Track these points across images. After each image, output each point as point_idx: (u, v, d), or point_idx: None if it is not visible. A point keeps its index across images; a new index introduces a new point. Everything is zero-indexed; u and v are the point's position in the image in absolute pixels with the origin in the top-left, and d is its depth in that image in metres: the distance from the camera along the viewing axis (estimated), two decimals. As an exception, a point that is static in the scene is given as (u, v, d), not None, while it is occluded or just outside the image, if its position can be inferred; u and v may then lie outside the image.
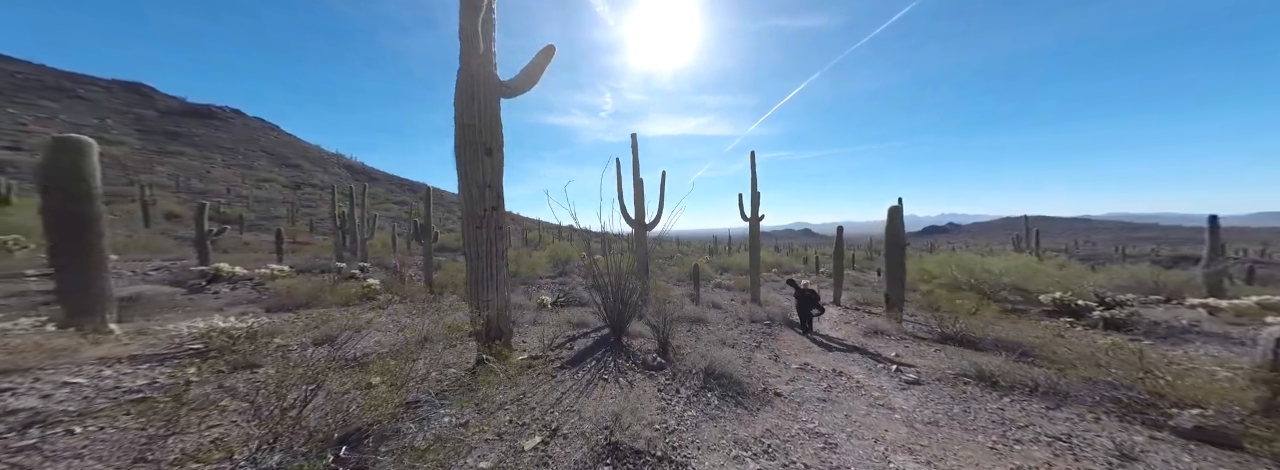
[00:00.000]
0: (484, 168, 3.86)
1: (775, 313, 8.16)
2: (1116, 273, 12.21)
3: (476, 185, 3.86)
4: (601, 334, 5.76)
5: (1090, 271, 12.74)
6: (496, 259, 3.94)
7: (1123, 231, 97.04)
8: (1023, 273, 9.97)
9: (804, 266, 21.34)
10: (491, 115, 3.86)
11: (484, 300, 3.86)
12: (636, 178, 8.61)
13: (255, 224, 24.15)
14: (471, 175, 3.85)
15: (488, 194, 3.89)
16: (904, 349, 5.95)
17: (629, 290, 5.37)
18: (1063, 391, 3.85)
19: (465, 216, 3.93)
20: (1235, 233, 58.95)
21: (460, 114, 3.80)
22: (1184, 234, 63.80)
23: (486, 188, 3.88)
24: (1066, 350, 4.36)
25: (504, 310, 4.04)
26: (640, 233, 8.60)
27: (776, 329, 7.24)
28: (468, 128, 3.76)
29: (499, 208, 4.01)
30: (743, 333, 6.75)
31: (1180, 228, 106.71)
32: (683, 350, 5.18)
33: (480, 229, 3.84)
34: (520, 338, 5.58)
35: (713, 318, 7.86)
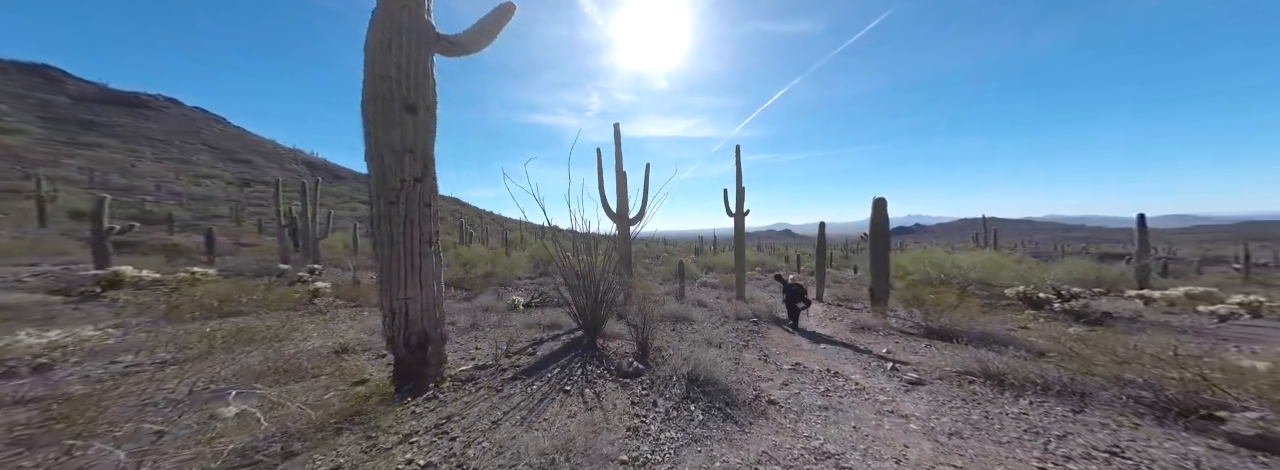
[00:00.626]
0: (404, 129, 2.86)
1: (761, 310, 7.50)
2: (1073, 267, 12.38)
3: (391, 151, 2.84)
4: (575, 336, 4.93)
5: (1047, 266, 12.86)
6: (421, 245, 2.95)
7: (1060, 231, 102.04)
8: (988, 268, 10.00)
9: (786, 265, 20.99)
10: (418, 68, 2.90)
11: (400, 299, 2.89)
12: (619, 170, 7.87)
13: (191, 224, 20.67)
14: (384, 138, 2.83)
15: (408, 162, 2.87)
16: (894, 345, 5.35)
17: (606, 288, 4.57)
18: (1078, 390, 3.28)
19: (374, 191, 2.90)
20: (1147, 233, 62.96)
21: (373, 63, 2.82)
22: (1108, 234, 67.76)
23: (407, 153, 2.86)
24: (1080, 345, 3.81)
25: (432, 310, 3.08)
26: (623, 227, 7.83)
27: (764, 327, 6.56)
28: (381, 80, 2.79)
29: (425, 180, 2.98)
30: (729, 331, 6.03)
31: (1104, 228, 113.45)
32: (665, 352, 4.41)
33: (396, 206, 2.85)
34: (474, 343, 4.74)
35: (698, 316, 7.13)
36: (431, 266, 3.07)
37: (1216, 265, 23.41)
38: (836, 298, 9.97)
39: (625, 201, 7.89)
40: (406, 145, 2.85)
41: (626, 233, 7.88)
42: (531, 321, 5.87)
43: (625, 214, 7.89)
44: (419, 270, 2.95)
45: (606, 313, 4.65)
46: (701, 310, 7.91)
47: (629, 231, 7.89)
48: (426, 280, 3.02)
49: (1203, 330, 6.09)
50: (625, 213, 7.90)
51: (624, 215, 7.86)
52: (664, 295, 9.87)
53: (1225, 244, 38.76)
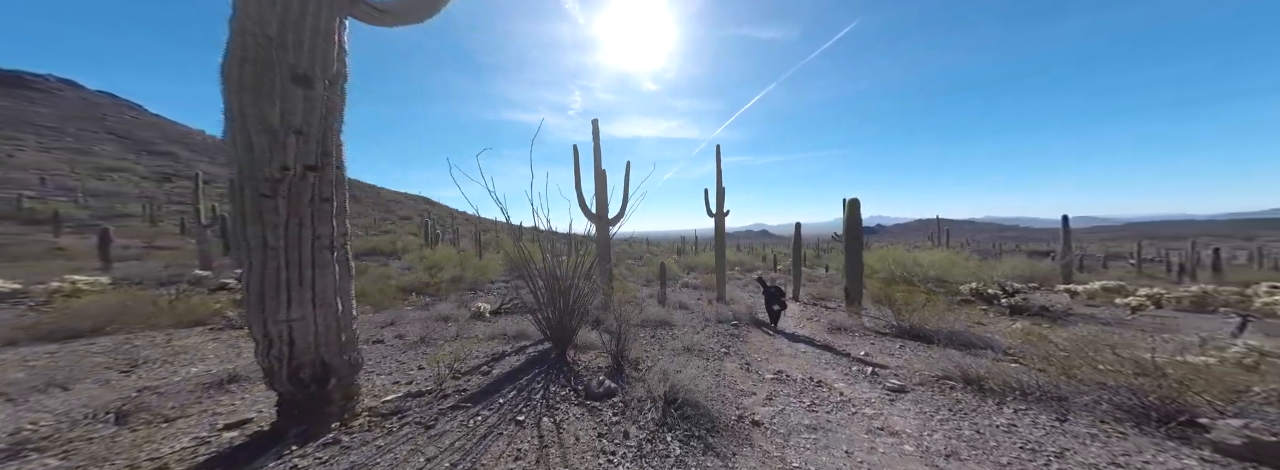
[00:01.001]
0: (289, 103, 2.10)
1: (741, 311, 7.21)
2: (1015, 264, 13.22)
3: (266, 130, 2.08)
4: (543, 348, 4.39)
5: (994, 264, 13.67)
6: (315, 253, 2.25)
7: (996, 231, 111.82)
8: (944, 266, 10.40)
9: (763, 264, 21.17)
10: (318, 31, 2.13)
11: (279, 321, 2.16)
12: (598, 168, 7.33)
13: (89, 223, 17.49)
14: (254, 113, 2.06)
15: (294, 145, 2.12)
16: (871, 347, 5.17)
17: (577, 295, 4.04)
18: (1056, 395, 3.14)
19: (238, 182, 2.14)
20: (1056, 233, 70.26)
21: (244, 13, 2.02)
22: (1035, 233, 74.92)
23: (293, 135, 2.11)
24: (1052, 346, 3.72)
25: (332, 334, 2.38)
26: (602, 228, 7.29)
27: (744, 329, 6.25)
28: (255, 39, 2.01)
29: (324, 170, 2.25)
30: (710, 336, 5.67)
31: (1031, 229, 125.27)
32: (643, 364, 3.95)
33: (272, 200, 2.11)
34: (418, 362, 4.02)
35: (679, 320, 6.73)
36: (332, 279, 2.36)
37: (1117, 261, 25.93)
38: (811, 296, 9.94)
39: (605, 201, 7.37)
40: (292, 125, 2.08)
41: (606, 234, 7.36)
42: (496, 331, 5.24)
43: (604, 214, 7.36)
44: (312, 284, 2.23)
45: (578, 322, 4.12)
46: (682, 313, 7.54)
47: (608, 232, 7.37)
48: (324, 297, 2.31)
49: (1122, 321, 6.52)
50: (604, 213, 7.37)
51: (603, 215, 7.33)
52: (646, 298, 9.47)
53: (1122, 242, 43.53)
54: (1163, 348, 3.22)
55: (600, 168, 7.40)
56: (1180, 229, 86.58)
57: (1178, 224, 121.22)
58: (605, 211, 7.38)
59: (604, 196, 7.36)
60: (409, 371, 3.78)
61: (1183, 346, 3.66)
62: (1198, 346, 3.72)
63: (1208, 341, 3.90)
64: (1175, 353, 3.28)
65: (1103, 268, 20.41)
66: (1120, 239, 44.72)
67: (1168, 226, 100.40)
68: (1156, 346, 3.15)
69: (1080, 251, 27.61)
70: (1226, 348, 3.56)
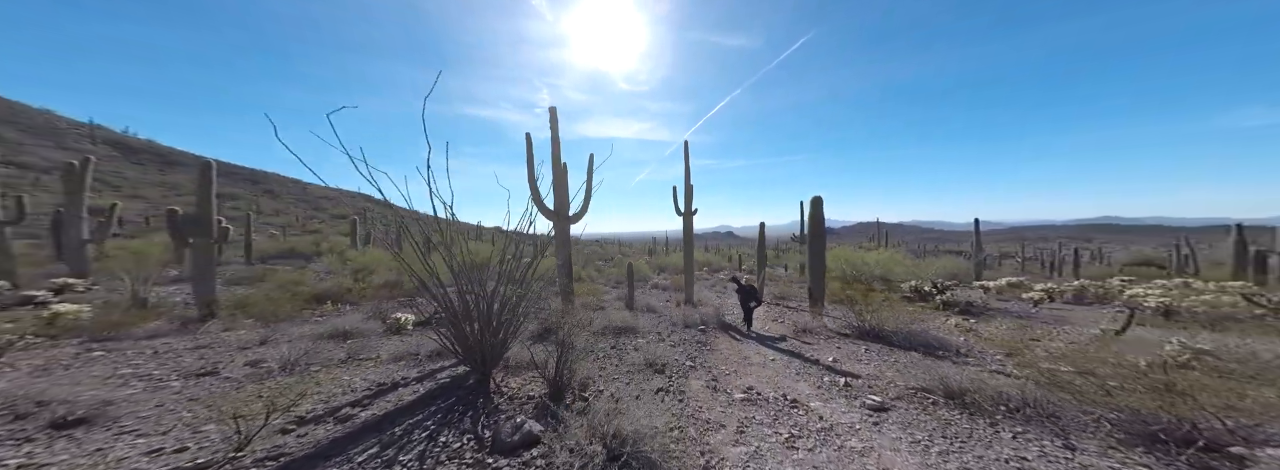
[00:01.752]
0: None
1: (709, 314, 6.45)
2: (945, 264, 14.03)
3: None
4: (460, 373, 3.24)
5: (927, 264, 14.46)
6: None
7: (920, 233, 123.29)
8: (888, 265, 10.67)
9: (729, 264, 21.00)
10: None
11: None
12: (557, 162, 6.25)
13: None
14: None
15: None
16: (838, 351, 4.58)
17: (508, 302, 2.98)
18: (1049, 411, 2.60)
19: None
20: (964, 235, 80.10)
21: None
22: (949, 235, 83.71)
23: None
24: (1042, 352, 3.28)
25: None
26: (561, 227, 6.21)
27: (712, 335, 5.48)
28: None
29: None
30: (675, 344, 4.81)
31: (946, 231, 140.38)
32: (591, 388, 2.99)
33: None
34: (252, 403, 2.67)
35: (644, 325, 5.83)
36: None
37: (1007, 259, 29.17)
38: (774, 296, 9.56)
39: (565, 197, 6.29)
40: None
41: (566, 231, 6.28)
42: (406, 350, 4.00)
43: (565, 212, 6.28)
44: None
45: (509, 337, 3.05)
46: (649, 317, 6.65)
47: (569, 230, 6.30)
48: None
49: (1029, 314, 6.77)
50: (565, 210, 6.28)
51: (563, 213, 6.24)
52: (614, 301, 8.52)
53: (1008, 244, 49.79)
54: (1107, 347, 2.85)
55: (560, 162, 6.33)
56: (1044, 232, 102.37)
57: (1043, 228, 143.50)
58: (565, 208, 6.30)
59: (564, 192, 6.29)
60: (202, 428, 2.39)
61: (1129, 347, 3.39)
62: (1136, 346, 3.49)
63: (1105, 335, 3.67)
64: (1124, 354, 2.95)
65: (999, 265, 22.68)
66: (1005, 241, 51.76)
67: (1036, 230, 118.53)
68: (1121, 349, 2.78)
69: (986, 252, 30.78)
70: (1161, 346, 3.35)
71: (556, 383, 2.78)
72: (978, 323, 6.11)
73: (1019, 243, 27.73)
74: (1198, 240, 17.25)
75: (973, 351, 4.54)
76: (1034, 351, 3.44)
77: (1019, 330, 5.71)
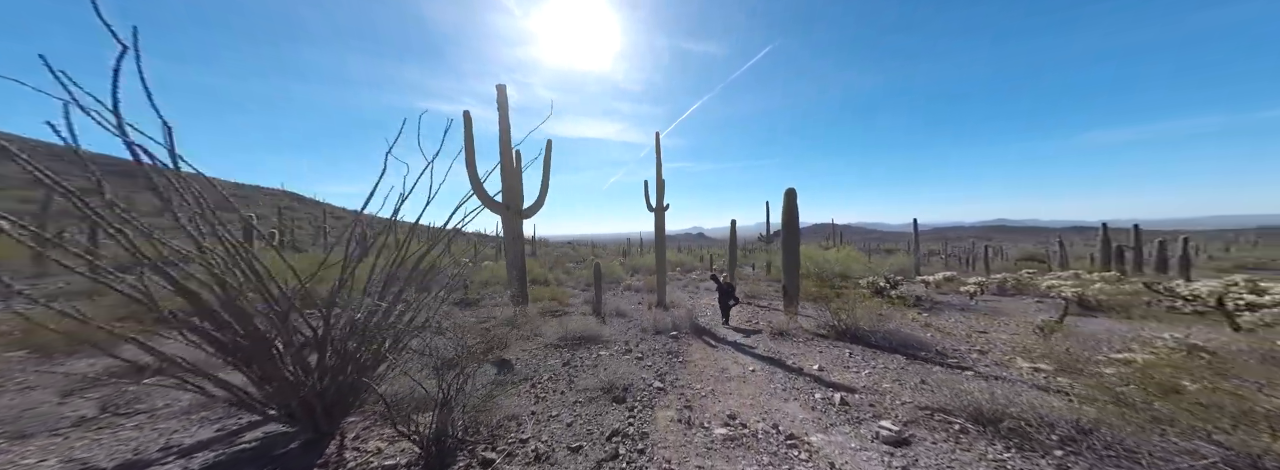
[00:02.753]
0: None
1: (682, 318, 5.63)
2: (896, 261, 14.74)
3: None
4: (280, 434, 1.92)
5: (881, 261, 15.15)
6: None
7: (864, 233, 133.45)
8: (847, 263, 10.91)
9: (701, 264, 20.68)
10: None
11: None
12: (506, 149, 5.11)
13: None
14: None
15: None
16: (822, 357, 3.96)
17: (359, 321, 1.84)
18: (1124, 444, 1.87)
19: None
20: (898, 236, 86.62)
21: None
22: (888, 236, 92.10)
23: None
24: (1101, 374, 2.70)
25: None
26: (512, 222, 5.07)
27: (684, 342, 4.65)
28: None
29: None
30: (641, 356, 3.90)
31: (883, 232, 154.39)
32: (504, 444, 1.95)
33: None
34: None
35: (610, 333, 4.87)
36: None
37: (933, 256, 32.18)
38: (745, 294, 9.11)
39: (517, 189, 5.15)
40: None
41: (518, 227, 5.14)
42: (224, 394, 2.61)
43: (517, 205, 5.15)
44: None
45: (365, 373, 1.91)
46: (619, 322, 5.70)
47: (520, 226, 5.17)
48: None
49: (968, 306, 6.98)
50: (517, 203, 5.15)
51: (515, 206, 5.11)
52: (582, 304, 7.48)
53: (932, 242, 55.62)
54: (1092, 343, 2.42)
55: (510, 149, 5.19)
56: (959, 232, 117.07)
57: (957, 228, 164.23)
58: (518, 201, 5.17)
59: (516, 183, 5.16)
60: None
61: (1123, 343, 3.07)
62: (1129, 343, 3.20)
63: (1049, 327, 3.42)
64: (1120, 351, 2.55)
65: (929, 261, 24.73)
66: (930, 240, 58.18)
67: (953, 230, 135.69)
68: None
69: (924, 250, 33.52)
70: (1152, 342, 3.11)
71: (439, 444, 1.70)
72: (930, 316, 6.05)
73: (942, 241, 30.85)
74: (1067, 239, 20.54)
75: (950, 350, 4.17)
76: (1045, 351, 2.99)
77: (968, 322, 5.67)
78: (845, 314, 4.87)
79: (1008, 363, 3.75)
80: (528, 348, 4.23)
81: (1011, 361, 3.69)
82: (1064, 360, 3.41)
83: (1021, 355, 3.77)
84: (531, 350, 4.14)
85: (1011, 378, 3.28)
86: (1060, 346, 3.93)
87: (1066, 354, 3.63)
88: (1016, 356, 3.63)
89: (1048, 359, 3.53)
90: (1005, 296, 8.40)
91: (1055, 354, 3.66)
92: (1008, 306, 7.09)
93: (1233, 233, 13.93)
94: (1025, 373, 3.40)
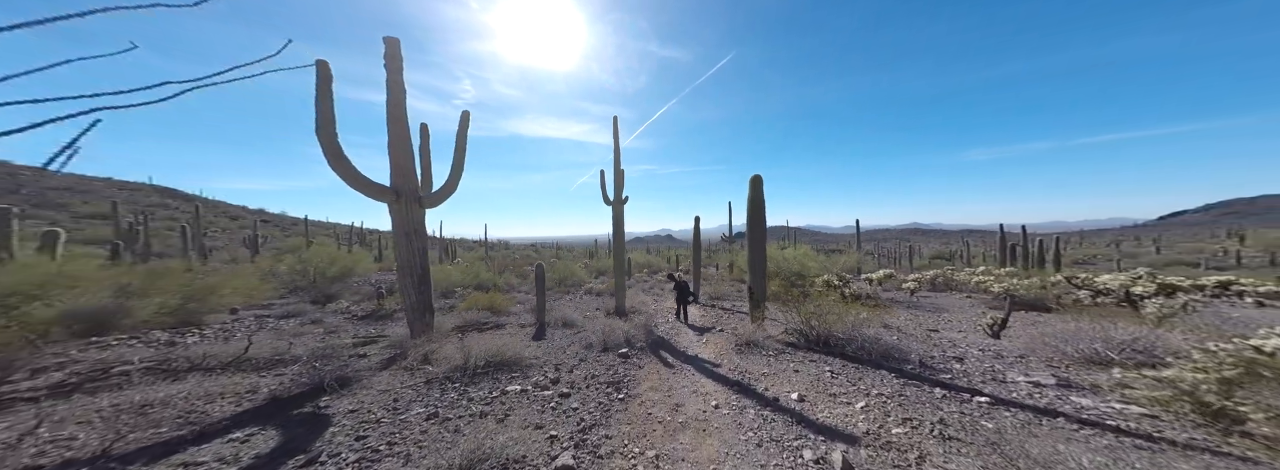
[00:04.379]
0: None
1: (639, 328, 4.47)
2: (846, 260, 15.26)
3: None
4: None
5: (834, 259, 15.60)
6: None
7: (811, 234, 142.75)
8: (803, 261, 10.87)
9: (668, 265, 19.95)
10: None
11: None
12: (398, 117, 3.54)
13: None
14: None
15: None
16: (800, 378, 2.98)
17: None
18: None
19: None
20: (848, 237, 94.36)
21: None
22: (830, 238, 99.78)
23: None
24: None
25: None
26: (408, 214, 3.55)
27: (634, 364, 3.46)
28: None
29: None
30: (563, 396, 2.65)
31: (824, 234, 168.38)
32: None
33: None
34: None
35: (539, 355, 3.55)
36: None
37: (867, 256, 34.90)
38: (709, 296, 8.36)
39: (409, 167, 3.65)
40: None
41: (415, 220, 3.64)
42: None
43: (413, 189, 3.66)
44: None
45: None
46: (562, 335, 4.41)
47: (421, 216, 3.69)
48: None
49: (913, 303, 6.89)
50: (413, 187, 3.66)
51: (408, 192, 3.61)
52: (527, 312, 6.05)
53: (864, 243, 61.00)
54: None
55: (403, 117, 3.65)
56: (885, 234, 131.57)
57: (882, 231, 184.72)
58: (412, 184, 3.67)
59: (409, 162, 3.65)
60: None
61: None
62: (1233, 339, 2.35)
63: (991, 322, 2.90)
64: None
65: (865, 261, 26.46)
66: (862, 240, 63.25)
67: (880, 232, 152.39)
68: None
69: (864, 250, 35.98)
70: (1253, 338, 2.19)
71: None
72: (881, 313, 5.72)
73: (873, 242, 33.59)
74: (966, 240, 23.85)
75: (930, 359, 3.52)
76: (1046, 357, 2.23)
77: (918, 319, 5.37)
78: (817, 320, 4.07)
79: (997, 374, 3.12)
80: (398, 383, 2.78)
81: (1002, 374, 3.04)
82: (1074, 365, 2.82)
83: (1014, 364, 3.16)
84: (400, 389, 2.70)
85: (1022, 398, 2.56)
86: (1045, 349, 3.45)
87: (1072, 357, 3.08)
88: (1000, 365, 2.90)
89: (1048, 366, 2.94)
90: (938, 292, 8.75)
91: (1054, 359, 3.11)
92: (944, 302, 7.05)
93: (1062, 234, 17.95)
94: (1022, 386, 2.74)
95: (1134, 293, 5.04)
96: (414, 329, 3.58)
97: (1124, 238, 45.18)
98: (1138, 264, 18.04)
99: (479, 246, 18.23)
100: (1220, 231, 39.17)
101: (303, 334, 4.36)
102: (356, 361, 3.18)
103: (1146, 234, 53.05)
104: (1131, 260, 19.59)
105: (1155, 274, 5.02)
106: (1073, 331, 3.66)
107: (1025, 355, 3.69)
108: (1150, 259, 20.40)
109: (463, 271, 9.96)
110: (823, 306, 4.21)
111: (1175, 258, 20.82)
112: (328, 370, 2.70)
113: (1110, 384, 2.76)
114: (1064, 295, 6.53)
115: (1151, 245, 29.26)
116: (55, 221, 16.26)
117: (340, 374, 2.77)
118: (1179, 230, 67.19)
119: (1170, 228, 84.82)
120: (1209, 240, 30.03)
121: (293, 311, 5.97)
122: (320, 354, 3.25)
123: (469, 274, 9.68)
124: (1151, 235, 44.71)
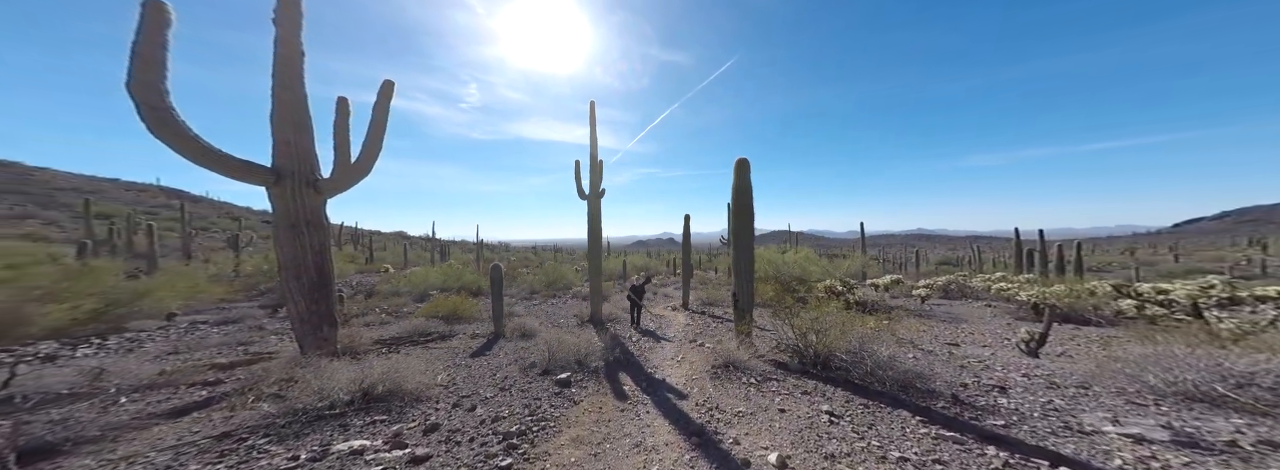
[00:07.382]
0: None
1: (607, 342, 3.56)
2: (850, 265, 14.23)
3: None
4: None
5: (838, 264, 14.55)
6: None
7: (814, 240, 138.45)
8: (805, 265, 9.99)
9: (666, 268, 19.03)
10: None
11: None
12: (289, 79, 2.81)
13: None
14: None
15: None
16: (787, 423, 2.04)
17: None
18: None
19: None
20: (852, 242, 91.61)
21: None
22: (834, 243, 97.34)
23: None
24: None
25: None
26: (298, 199, 2.76)
27: (573, 395, 2.54)
28: None
29: None
30: (456, 445, 1.79)
31: (827, 239, 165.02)
32: None
33: None
34: None
35: (463, 379, 2.70)
36: None
37: (872, 261, 33.52)
38: (700, 301, 7.52)
39: (300, 143, 2.85)
40: None
41: (310, 209, 2.85)
42: None
43: (303, 170, 2.86)
44: None
45: None
46: (510, 349, 3.60)
47: (318, 204, 2.89)
48: None
49: (924, 311, 6.14)
50: (303, 168, 2.87)
51: (297, 172, 2.82)
52: (484, 318, 5.21)
53: (868, 248, 59.16)
54: None
55: (294, 87, 2.87)
56: (890, 239, 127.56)
57: (888, 236, 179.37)
58: (303, 164, 2.90)
59: (296, 135, 2.86)
60: None
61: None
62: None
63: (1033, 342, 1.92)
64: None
65: (870, 266, 25.14)
66: (867, 246, 61.19)
67: (885, 238, 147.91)
68: None
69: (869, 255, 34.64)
70: None
71: None
72: (891, 323, 4.72)
73: (878, 247, 32.22)
74: (973, 245, 22.28)
75: (963, 389, 2.57)
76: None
77: (933, 330, 4.51)
78: (816, 335, 3.12)
79: (1065, 416, 2.14)
80: (187, 434, 1.91)
81: (1074, 416, 2.06)
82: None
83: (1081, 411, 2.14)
84: (170, 446, 1.83)
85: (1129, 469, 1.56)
86: (1115, 377, 2.42)
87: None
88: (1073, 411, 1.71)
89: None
90: (952, 299, 7.93)
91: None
92: (961, 311, 6.21)
93: (1071, 240, 15.92)
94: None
95: (1205, 302, 3.91)
96: (304, 345, 2.74)
97: (1138, 245, 42.65)
98: (1156, 272, 16.45)
99: (476, 248, 17.87)
100: (1239, 239, 36.57)
101: (175, 353, 3.49)
102: (132, 405, 2.16)
103: (1161, 241, 50.17)
104: (1150, 268, 17.99)
105: (1233, 282, 3.97)
106: (1157, 355, 2.65)
107: (1087, 384, 2.70)
108: (1169, 267, 18.73)
109: (443, 273, 9.18)
110: (823, 318, 3.25)
111: (1195, 266, 19.10)
112: (22, 431, 1.56)
113: (1252, 441, 1.77)
114: (1103, 306, 5.40)
115: (1169, 253, 27.21)
116: (55, 221, 16.09)
117: (54, 436, 1.63)
118: (1195, 238, 63.60)
119: (1186, 235, 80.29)
120: (1229, 248, 27.93)
121: (236, 317, 5.22)
122: (73, 394, 2.21)
123: (450, 276, 8.91)
124: (1167, 243, 42.09)
